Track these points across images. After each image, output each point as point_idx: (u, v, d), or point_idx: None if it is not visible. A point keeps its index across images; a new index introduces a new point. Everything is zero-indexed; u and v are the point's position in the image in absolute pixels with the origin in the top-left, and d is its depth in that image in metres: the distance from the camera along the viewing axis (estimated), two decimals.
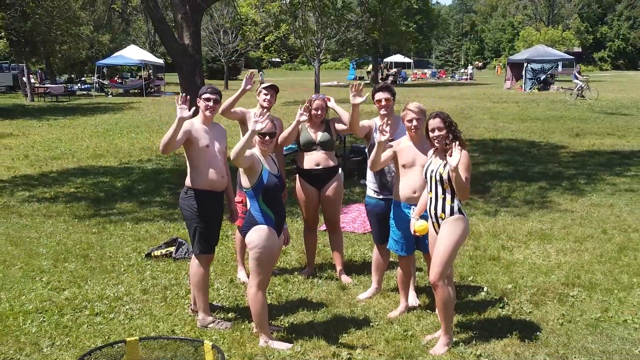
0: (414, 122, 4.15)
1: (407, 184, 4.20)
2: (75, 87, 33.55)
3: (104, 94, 32.44)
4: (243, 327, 4.15)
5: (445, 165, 3.77)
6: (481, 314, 4.38)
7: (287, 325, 4.23)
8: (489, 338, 3.96)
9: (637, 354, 3.76)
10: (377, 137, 4.07)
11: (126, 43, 33.80)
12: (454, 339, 3.90)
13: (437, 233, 3.85)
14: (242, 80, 4.80)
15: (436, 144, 3.85)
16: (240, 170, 4.09)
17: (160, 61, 33.19)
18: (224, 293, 4.84)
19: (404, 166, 4.21)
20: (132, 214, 7.38)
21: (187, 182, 4.19)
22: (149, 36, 42.76)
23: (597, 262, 5.47)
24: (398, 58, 53.34)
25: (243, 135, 4.87)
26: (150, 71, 34.41)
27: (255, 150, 3.86)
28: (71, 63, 35.38)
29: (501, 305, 4.52)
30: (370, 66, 47.68)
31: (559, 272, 5.21)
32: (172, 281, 5.07)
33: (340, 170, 5.23)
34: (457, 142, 3.65)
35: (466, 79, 50.30)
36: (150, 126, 17.10)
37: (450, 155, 3.62)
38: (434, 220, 3.85)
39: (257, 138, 3.83)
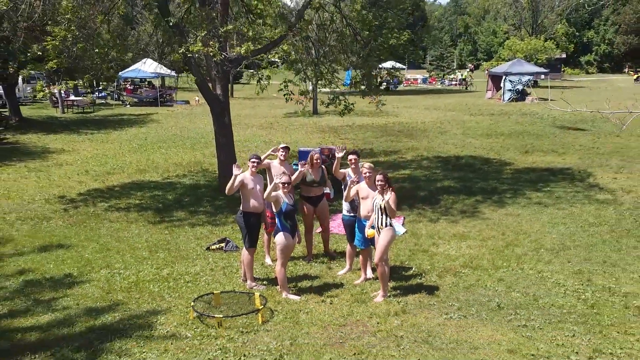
0: (367, 174, 7.45)
1: (364, 208, 7.49)
2: (94, 95, 36.88)
3: (120, 102, 35.79)
4: (272, 288, 7.43)
5: (382, 199, 7.06)
6: (407, 282, 7.66)
7: (297, 287, 7.50)
8: (407, 294, 7.24)
9: (484, 301, 7.04)
10: (349, 184, 7.40)
11: (138, 55, 36.96)
12: (388, 294, 7.19)
13: (379, 236, 7.13)
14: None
15: (378, 188, 7.14)
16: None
17: (173, 73, 36.33)
18: (258, 270, 8.13)
19: (362, 198, 7.50)
20: (187, 220, 10.66)
21: (241, 207, 7.48)
22: (157, 46, 45.87)
23: (489, 253, 8.75)
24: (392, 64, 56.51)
25: (268, 176, 8.21)
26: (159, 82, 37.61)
27: (280, 192, 7.14)
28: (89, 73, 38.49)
29: (420, 277, 7.81)
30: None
31: (462, 259, 8.49)
32: (227, 264, 8.35)
33: (329, 189, 8.57)
34: (389, 188, 6.97)
35: (456, 84, 53.21)
36: (175, 141, 20.37)
37: (384, 195, 6.95)
38: (377, 229, 7.14)
39: (281, 185, 7.11)
